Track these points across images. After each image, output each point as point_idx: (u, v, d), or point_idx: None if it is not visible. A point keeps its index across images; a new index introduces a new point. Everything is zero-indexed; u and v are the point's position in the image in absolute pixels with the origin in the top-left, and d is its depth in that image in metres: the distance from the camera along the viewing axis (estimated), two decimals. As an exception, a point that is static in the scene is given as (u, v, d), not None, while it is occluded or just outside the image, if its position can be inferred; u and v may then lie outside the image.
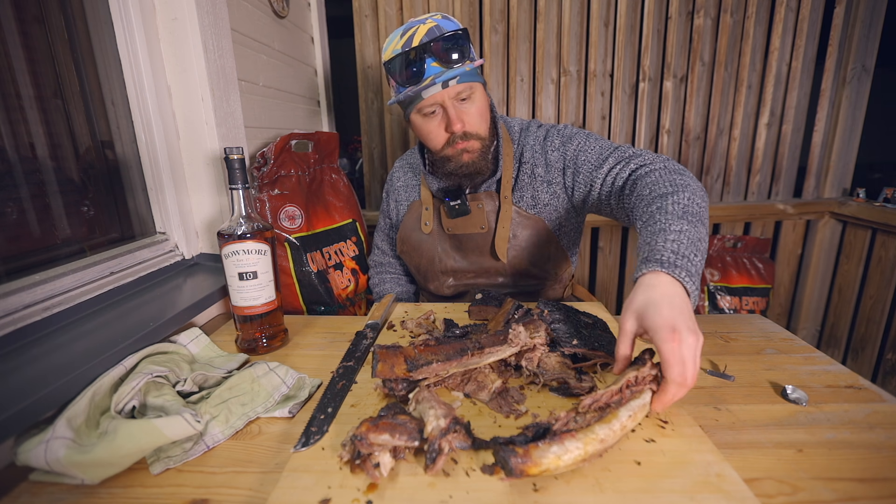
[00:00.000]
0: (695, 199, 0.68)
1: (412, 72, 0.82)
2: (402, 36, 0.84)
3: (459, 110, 0.86)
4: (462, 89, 0.84)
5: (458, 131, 0.86)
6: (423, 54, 0.81)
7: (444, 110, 0.86)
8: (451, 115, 0.85)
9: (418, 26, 0.83)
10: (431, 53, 0.81)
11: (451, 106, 0.85)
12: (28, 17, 0.77)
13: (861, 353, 1.79)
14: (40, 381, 0.56)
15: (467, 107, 0.87)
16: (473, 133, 0.88)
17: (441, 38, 0.81)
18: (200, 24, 0.95)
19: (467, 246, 1.01)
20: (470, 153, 0.90)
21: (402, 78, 0.84)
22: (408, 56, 0.82)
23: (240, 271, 0.76)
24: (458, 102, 0.86)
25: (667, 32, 1.76)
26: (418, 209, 1.05)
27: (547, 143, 0.96)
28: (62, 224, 0.82)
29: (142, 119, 0.95)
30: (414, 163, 1.11)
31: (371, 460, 0.45)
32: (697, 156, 1.87)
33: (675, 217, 0.64)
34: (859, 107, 1.80)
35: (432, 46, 0.81)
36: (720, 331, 0.85)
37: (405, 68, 0.83)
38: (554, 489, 0.43)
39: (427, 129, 0.89)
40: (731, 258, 1.93)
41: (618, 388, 0.51)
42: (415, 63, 0.82)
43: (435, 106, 0.86)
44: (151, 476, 0.51)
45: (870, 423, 0.57)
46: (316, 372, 0.72)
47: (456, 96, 0.85)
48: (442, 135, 0.89)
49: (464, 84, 0.83)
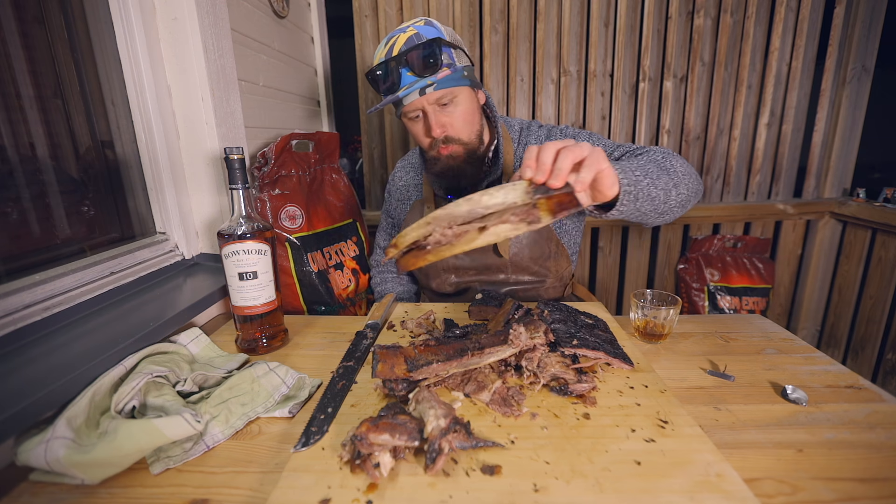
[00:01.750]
0: (674, 163, 0.79)
1: (392, 82, 0.85)
2: (385, 45, 0.87)
3: (440, 116, 0.87)
4: (441, 95, 0.85)
5: (438, 136, 0.88)
6: (399, 65, 0.83)
7: (425, 116, 0.87)
8: (430, 122, 0.87)
9: (398, 35, 0.85)
10: (406, 63, 0.83)
11: (431, 112, 0.86)
12: (28, 17, 0.77)
13: (861, 353, 1.79)
14: (40, 381, 0.56)
15: (450, 111, 0.88)
16: (455, 138, 0.90)
17: (415, 48, 0.82)
18: (200, 24, 0.95)
19: None
20: (454, 158, 0.91)
21: (383, 87, 0.87)
22: (387, 66, 0.84)
23: (240, 271, 0.76)
24: (439, 108, 0.87)
25: (667, 32, 1.76)
26: (420, 208, 1.07)
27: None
28: (62, 224, 0.82)
29: (142, 119, 0.95)
30: (416, 162, 1.13)
31: (371, 460, 0.45)
32: (697, 156, 1.87)
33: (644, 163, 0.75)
34: (859, 107, 1.80)
35: (406, 57, 0.83)
36: (720, 331, 0.85)
37: (384, 79, 0.86)
38: (554, 489, 0.43)
39: (414, 132, 0.93)
40: (731, 258, 1.93)
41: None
42: (392, 73, 0.84)
43: (417, 111, 0.88)
44: (151, 476, 0.51)
45: (870, 423, 0.57)
46: (316, 372, 0.72)
47: (436, 102, 0.86)
48: (425, 138, 0.91)
49: (443, 90, 0.84)
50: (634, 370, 0.65)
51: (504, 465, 0.46)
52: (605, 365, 0.66)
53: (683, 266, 1.94)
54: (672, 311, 0.78)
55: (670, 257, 1.97)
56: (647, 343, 0.81)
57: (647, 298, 0.82)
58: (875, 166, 3.22)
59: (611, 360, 0.65)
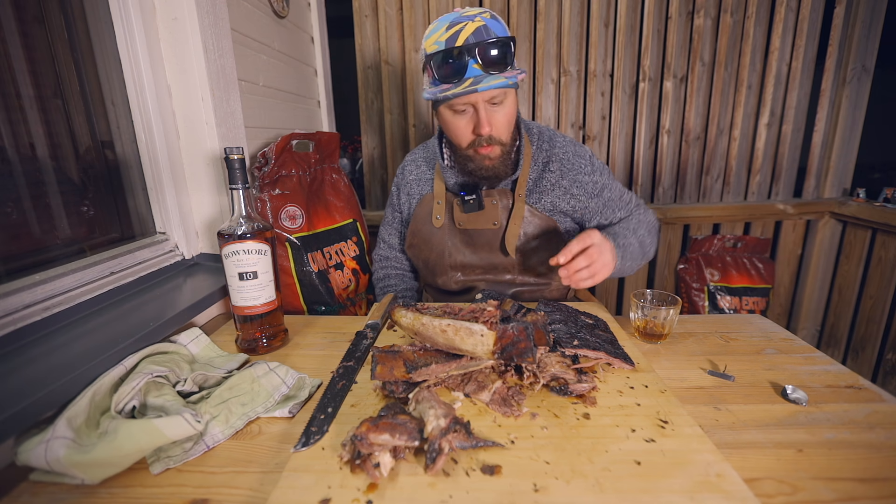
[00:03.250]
0: (648, 235, 1.01)
1: (452, 70, 0.81)
2: (447, 29, 0.82)
3: (490, 113, 0.86)
4: (497, 94, 0.84)
5: (486, 134, 0.87)
6: (467, 55, 0.80)
7: (476, 111, 0.86)
8: (481, 118, 0.85)
9: (466, 23, 0.81)
10: (475, 56, 0.80)
11: (482, 108, 0.84)
12: (28, 17, 0.77)
13: (861, 353, 1.79)
14: (40, 381, 0.56)
15: (498, 111, 0.87)
16: (498, 139, 0.89)
17: (487, 43, 0.79)
18: (200, 24, 0.95)
19: (477, 241, 1.02)
20: (491, 160, 0.91)
21: (441, 74, 0.82)
22: (451, 53, 0.80)
23: (240, 271, 0.76)
24: (490, 106, 0.86)
25: (667, 32, 1.76)
26: (430, 203, 1.06)
27: (578, 162, 1.00)
28: (62, 224, 0.82)
29: (142, 119, 0.95)
30: (428, 156, 1.11)
31: (371, 460, 0.45)
32: (697, 156, 1.87)
33: (631, 231, 0.97)
34: (859, 107, 1.80)
35: (477, 49, 0.79)
36: (720, 331, 0.85)
37: (445, 65, 0.81)
38: (554, 489, 0.43)
39: (455, 125, 0.89)
40: (731, 258, 1.93)
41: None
42: (457, 62, 0.80)
43: (467, 105, 0.86)
44: (151, 476, 0.51)
45: (870, 423, 0.57)
46: (316, 372, 0.72)
47: (490, 100, 0.85)
48: (468, 135, 0.89)
49: (501, 89, 0.83)
50: (634, 370, 0.65)
51: (504, 465, 0.46)
52: (606, 365, 0.66)
53: (683, 266, 1.94)
54: (672, 311, 0.78)
55: (670, 257, 1.97)
56: (647, 343, 0.81)
57: (647, 298, 0.82)
58: (875, 166, 3.23)
59: (612, 360, 0.65)
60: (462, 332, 0.58)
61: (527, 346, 0.56)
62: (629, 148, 1.87)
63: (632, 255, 0.93)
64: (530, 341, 0.56)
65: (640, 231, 0.98)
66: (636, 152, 1.86)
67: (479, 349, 0.58)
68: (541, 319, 0.65)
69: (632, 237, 0.94)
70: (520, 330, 0.57)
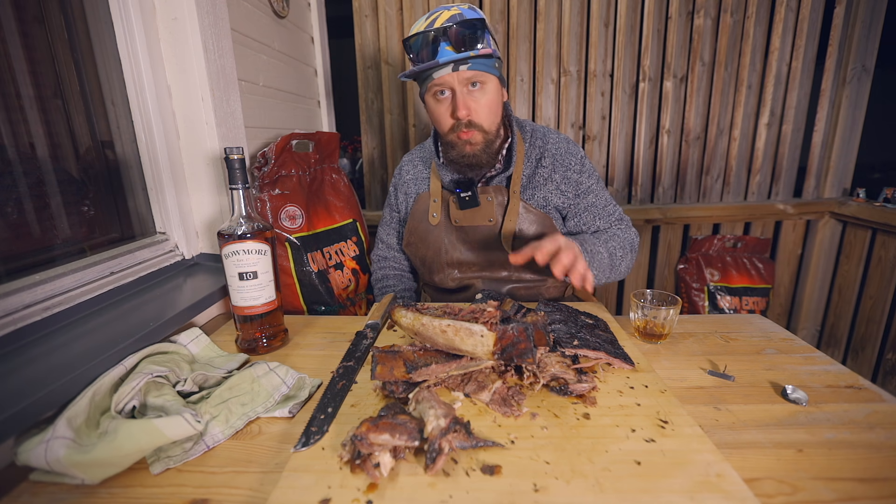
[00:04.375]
0: (621, 249, 0.99)
1: (427, 52, 0.87)
2: (426, 19, 0.88)
3: (467, 97, 0.88)
4: (473, 75, 0.86)
5: (463, 118, 0.89)
6: (440, 37, 0.85)
7: (454, 95, 0.88)
8: (458, 100, 0.88)
9: (442, 11, 0.87)
10: (447, 37, 0.85)
11: (459, 92, 0.87)
12: (28, 17, 0.77)
13: (861, 353, 1.79)
14: (40, 381, 0.56)
15: (477, 96, 0.89)
16: (478, 124, 0.90)
17: (457, 23, 0.84)
18: (200, 24, 0.95)
19: (474, 238, 1.03)
20: (472, 145, 0.92)
21: (418, 56, 0.88)
22: (426, 36, 0.86)
23: (240, 271, 0.76)
24: (468, 88, 0.88)
25: (667, 32, 1.76)
26: (426, 201, 1.07)
27: (569, 159, 1.01)
28: (62, 224, 0.82)
29: (142, 119, 0.95)
30: (425, 156, 1.13)
31: (371, 460, 0.45)
32: (697, 156, 1.87)
33: (604, 244, 0.96)
34: (859, 107, 1.80)
35: (449, 30, 0.84)
36: (720, 331, 0.85)
37: (422, 48, 0.87)
38: (554, 489, 0.43)
39: (436, 111, 0.93)
40: (731, 258, 1.93)
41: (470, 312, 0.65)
42: (431, 44, 0.86)
43: (445, 88, 0.88)
44: (151, 476, 0.51)
45: (870, 423, 0.57)
46: (316, 372, 0.72)
47: (466, 82, 0.87)
48: (448, 119, 0.91)
49: (475, 71, 0.86)
50: (634, 370, 0.65)
51: (504, 465, 0.46)
52: (606, 365, 0.66)
53: (683, 266, 1.94)
54: (672, 311, 0.78)
55: (670, 257, 1.97)
56: (647, 343, 0.81)
57: (647, 298, 0.82)
58: (875, 166, 3.23)
59: (612, 360, 0.65)
60: (462, 333, 0.58)
61: (527, 346, 0.56)
62: (629, 148, 1.87)
63: (599, 264, 0.91)
64: (530, 342, 0.57)
65: (611, 244, 0.96)
66: (636, 152, 1.86)
67: (479, 350, 0.58)
68: (541, 320, 0.65)
69: (601, 247, 0.93)
70: (520, 331, 0.57)
